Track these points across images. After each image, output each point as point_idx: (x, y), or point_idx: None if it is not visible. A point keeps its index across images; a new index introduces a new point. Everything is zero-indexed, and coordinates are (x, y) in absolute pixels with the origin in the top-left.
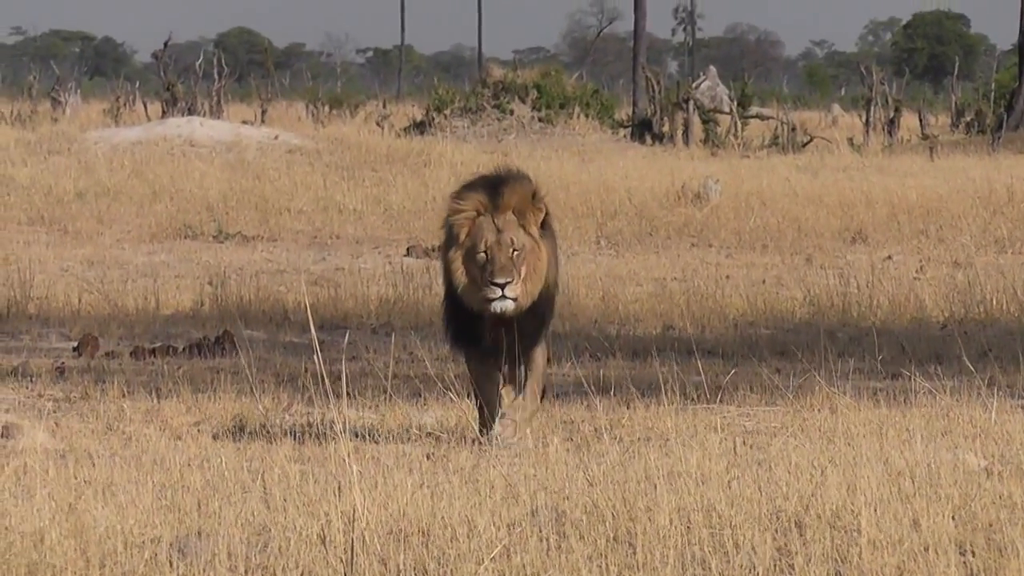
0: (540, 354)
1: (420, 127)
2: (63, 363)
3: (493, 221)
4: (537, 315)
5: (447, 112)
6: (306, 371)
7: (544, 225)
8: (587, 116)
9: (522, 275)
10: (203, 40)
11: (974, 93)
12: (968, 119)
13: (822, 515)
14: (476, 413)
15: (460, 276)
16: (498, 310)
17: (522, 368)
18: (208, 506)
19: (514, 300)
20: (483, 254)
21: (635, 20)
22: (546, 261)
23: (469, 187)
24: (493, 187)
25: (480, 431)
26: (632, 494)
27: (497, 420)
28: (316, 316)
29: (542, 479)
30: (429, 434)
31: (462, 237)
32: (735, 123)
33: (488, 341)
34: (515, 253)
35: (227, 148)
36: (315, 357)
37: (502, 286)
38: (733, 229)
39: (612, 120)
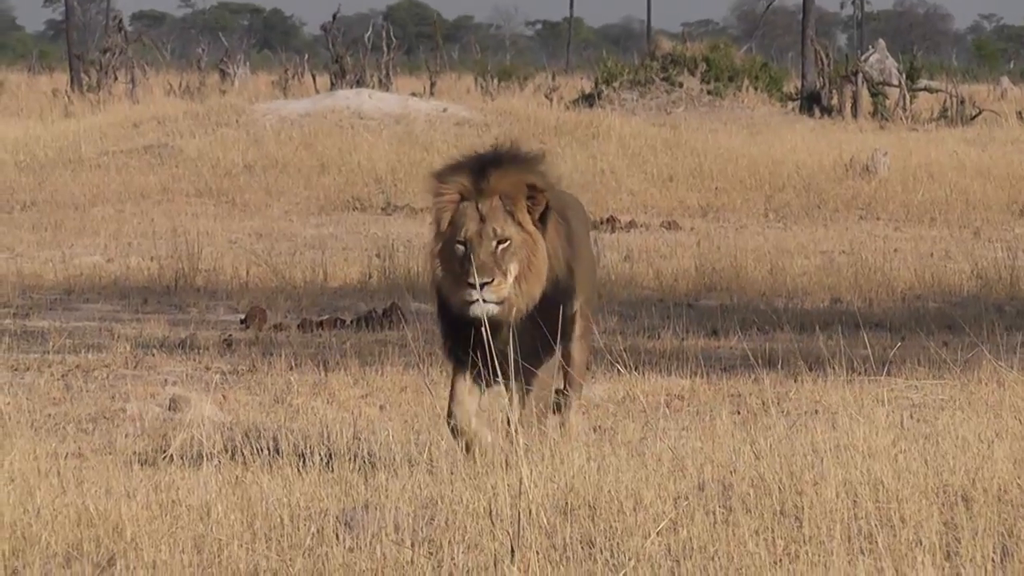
0: (548, 374)
1: (589, 100)
2: (231, 335)
3: (477, 208)
4: (546, 321)
5: (616, 85)
6: None
7: (544, 218)
8: (756, 89)
9: (512, 273)
10: (372, 12)
11: None
12: None
13: (989, 489)
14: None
15: (439, 271)
16: (477, 314)
17: (524, 386)
18: (375, 479)
19: (498, 304)
20: (462, 246)
21: None
22: (545, 256)
23: (455, 167)
24: (480, 168)
25: (447, 420)
26: (799, 468)
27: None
28: None
29: (709, 452)
30: (596, 407)
31: (443, 225)
32: (904, 96)
33: (484, 351)
34: (499, 248)
35: (395, 120)
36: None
37: (479, 287)
38: (901, 202)
39: (781, 93)
